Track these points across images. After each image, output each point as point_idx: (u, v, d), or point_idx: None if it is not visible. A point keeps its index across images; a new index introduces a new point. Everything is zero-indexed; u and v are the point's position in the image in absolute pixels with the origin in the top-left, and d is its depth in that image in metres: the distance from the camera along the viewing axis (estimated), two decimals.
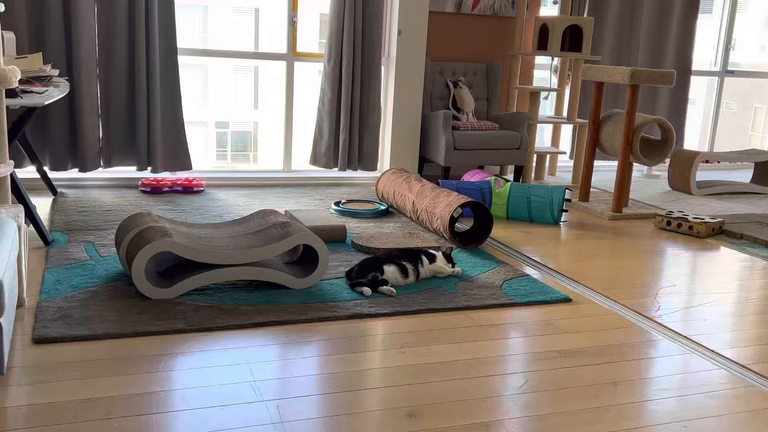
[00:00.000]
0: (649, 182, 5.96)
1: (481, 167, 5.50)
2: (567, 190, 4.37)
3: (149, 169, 4.71)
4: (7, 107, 3.26)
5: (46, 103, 3.23)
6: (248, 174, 5.23)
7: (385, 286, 2.92)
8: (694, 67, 6.48)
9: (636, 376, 2.34)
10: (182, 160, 4.80)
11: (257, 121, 13.02)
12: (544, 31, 5.47)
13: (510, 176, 5.59)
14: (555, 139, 5.96)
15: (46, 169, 4.46)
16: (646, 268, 3.59)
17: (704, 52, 6.86)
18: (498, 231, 4.02)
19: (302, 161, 5.36)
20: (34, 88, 3.41)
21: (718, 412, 2.13)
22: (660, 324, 2.79)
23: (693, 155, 5.49)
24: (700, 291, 3.22)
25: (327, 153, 5.13)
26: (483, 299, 2.91)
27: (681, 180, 5.57)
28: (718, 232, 4.29)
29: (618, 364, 2.41)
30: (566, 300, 2.99)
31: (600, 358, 2.45)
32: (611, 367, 2.39)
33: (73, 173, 4.66)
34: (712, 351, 2.55)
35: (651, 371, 2.41)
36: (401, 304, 2.82)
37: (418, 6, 5.14)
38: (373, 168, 5.24)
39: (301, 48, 5.16)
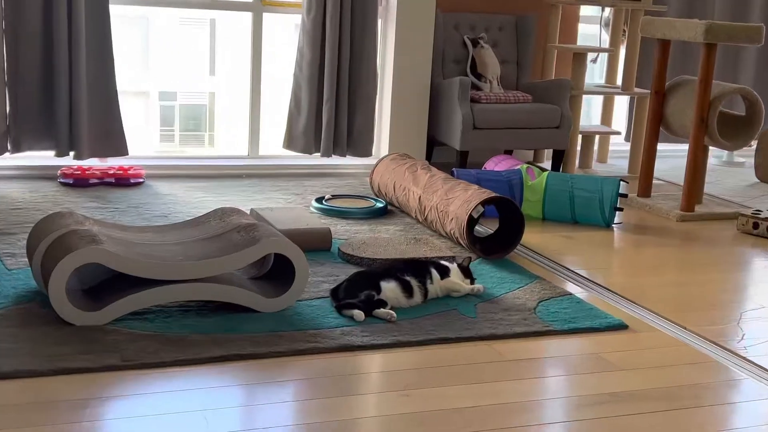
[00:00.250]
0: (730, 172, 5.97)
1: (508, 152, 5.51)
2: (622, 183, 4.37)
3: (72, 154, 4.70)
4: None
5: None
6: (202, 161, 5.22)
7: (382, 309, 2.92)
8: None
9: (713, 426, 2.34)
10: (115, 143, 4.79)
11: (214, 91, 12.99)
12: None
13: (547, 164, 5.60)
14: (606, 115, 5.96)
15: None
16: (725, 285, 3.59)
17: None
18: (531, 236, 4.02)
19: (273, 144, 5.35)
20: None
21: None
22: (744, 358, 2.80)
23: None
24: None
25: (306, 134, 5.13)
26: (511, 326, 2.92)
27: None
28: None
29: (689, 411, 2.42)
30: (621, 327, 3.00)
31: (665, 404, 2.45)
32: (680, 415, 2.39)
33: None
34: None
35: (733, 420, 2.41)
36: (404, 332, 2.82)
37: None
38: (367, 153, 5.24)
39: None
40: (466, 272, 3.23)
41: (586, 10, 6.04)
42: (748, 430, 2.33)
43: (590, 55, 5.75)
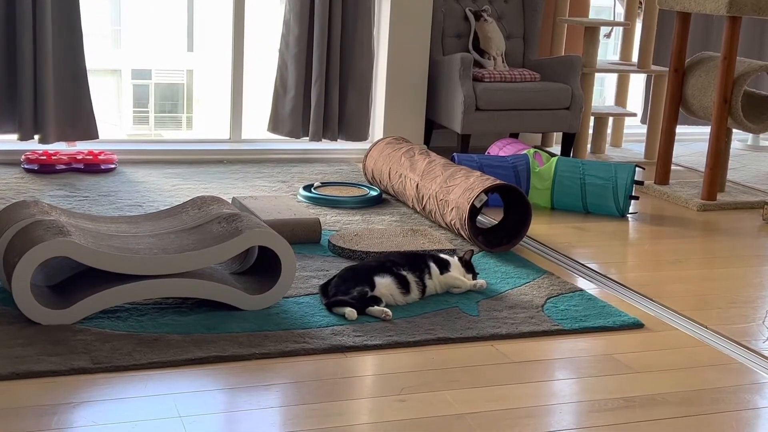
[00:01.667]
0: (756, 157, 5.98)
1: (514, 136, 5.51)
2: (638, 169, 4.37)
3: (36, 138, 4.69)
4: None
5: None
6: (179, 145, 5.21)
7: (376, 307, 2.92)
8: None
9: None
10: (84, 126, 4.78)
11: (192, 68, 12.96)
12: None
13: (556, 148, 5.60)
14: (621, 95, 5.96)
15: None
16: (750, 280, 3.60)
17: None
18: (539, 227, 4.03)
19: (257, 127, 5.35)
20: None
21: None
22: None
23: None
24: None
25: (293, 115, 5.12)
26: (517, 325, 2.93)
27: None
28: None
29: (710, 417, 2.42)
30: (636, 325, 3.00)
31: (684, 409, 2.46)
32: (700, 421, 2.40)
33: None
34: None
35: (757, 427, 2.42)
36: (400, 331, 2.82)
37: None
38: (361, 137, 5.23)
39: None
40: (468, 266, 3.23)
41: None
42: None
43: (603, 30, 5.75)
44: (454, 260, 3.21)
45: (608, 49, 8.05)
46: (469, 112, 5.01)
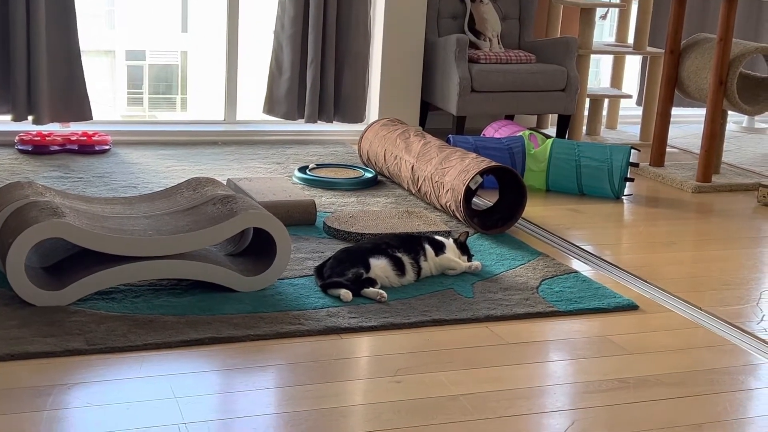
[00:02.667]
0: (751, 139, 5.98)
1: (510, 117, 5.50)
2: (633, 151, 4.38)
3: (30, 118, 4.68)
4: None
5: None
6: (174, 126, 5.19)
7: (371, 288, 2.92)
8: None
9: (729, 414, 2.36)
10: (78, 107, 4.76)
11: (186, 50, 12.92)
12: None
13: (552, 130, 5.60)
14: (616, 76, 5.96)
15: None
16: (744, 262, 3.61)
17: None
18: (534, 209, 4.03)
19: (252, 109, 5.33)
20: None
21: None
22: (763, 341, 2.82)
23: None
24: None
25: (288, 97, 5.11)
26: (512, 306, 2.93)
27: None
28: None
29: (704, 398, 2.43)
30: (631, 307, 3.01)
31: (679, 390, 2.46)
32: (694, 402, 2.41)
33: None
34: None
35: (750, 408, 2.43)
36: (395, 313, 2.83)
37: None
38: (357, 119, 5.23)
39: None
40: (463, 248, 3.23)
41: None
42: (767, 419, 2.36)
43: (599, 11, 5.74)
44: (449, 242, 3.21)
45: (604, 31, 8.04)
46: (464, 94, 5.00)
